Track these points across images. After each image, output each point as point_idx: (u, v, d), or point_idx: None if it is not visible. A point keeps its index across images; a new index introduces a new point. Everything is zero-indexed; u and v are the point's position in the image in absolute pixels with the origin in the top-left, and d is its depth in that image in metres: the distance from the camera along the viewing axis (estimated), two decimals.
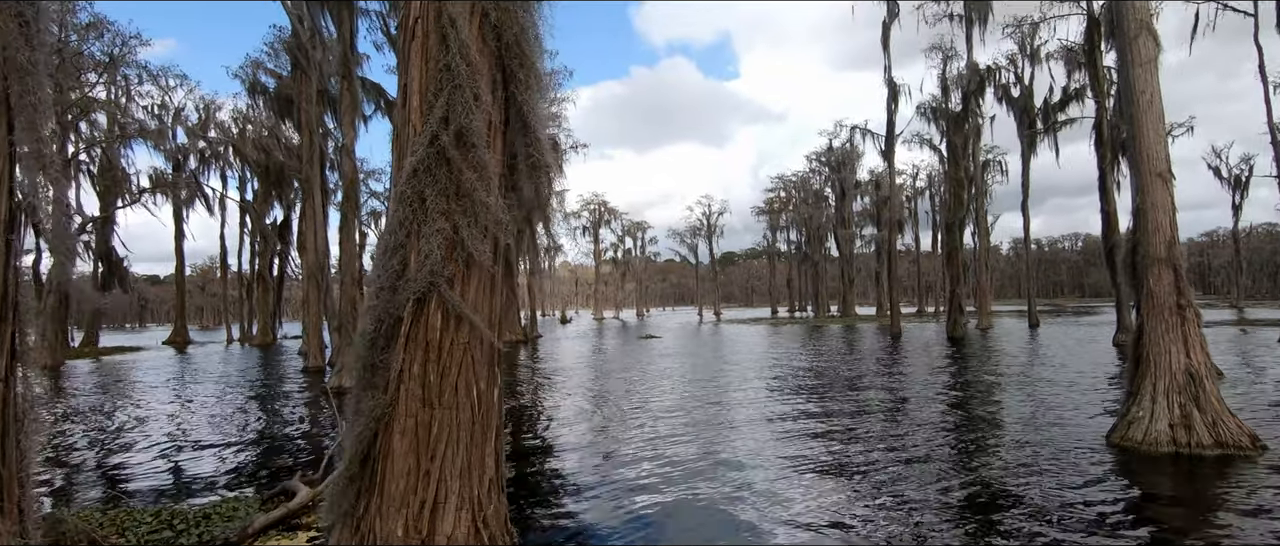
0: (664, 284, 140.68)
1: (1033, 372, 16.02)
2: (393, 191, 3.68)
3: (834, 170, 58.17)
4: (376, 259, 3.73)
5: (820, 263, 66.57)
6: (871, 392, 13.38)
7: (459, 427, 3.49)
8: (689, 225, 76.01)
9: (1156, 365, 8.66)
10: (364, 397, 3.58)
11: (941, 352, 22.36)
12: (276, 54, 28.28)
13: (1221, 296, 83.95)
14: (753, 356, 22.88)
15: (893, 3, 33.19)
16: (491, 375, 3.69)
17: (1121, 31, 9.79)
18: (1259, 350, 20.31)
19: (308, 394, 15.66)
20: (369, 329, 3.60)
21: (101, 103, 29.58)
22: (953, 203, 34.86)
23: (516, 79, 3.66)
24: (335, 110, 23.98)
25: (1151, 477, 7.08)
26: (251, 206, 39.12)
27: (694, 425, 10.33)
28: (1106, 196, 24.63)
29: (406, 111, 3.63)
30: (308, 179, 23.26)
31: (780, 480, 7.14)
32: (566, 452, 8.74)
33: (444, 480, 3.42)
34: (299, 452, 9.28)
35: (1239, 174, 49.49)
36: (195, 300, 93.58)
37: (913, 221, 62.33)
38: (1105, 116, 24.64)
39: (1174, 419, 8.31)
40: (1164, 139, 9.50)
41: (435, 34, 3.53)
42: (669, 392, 14.12)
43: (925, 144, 40.76)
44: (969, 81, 33.10)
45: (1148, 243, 9.08)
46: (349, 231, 18.71)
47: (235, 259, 44.29)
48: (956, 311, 31.65)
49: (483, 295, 3.61)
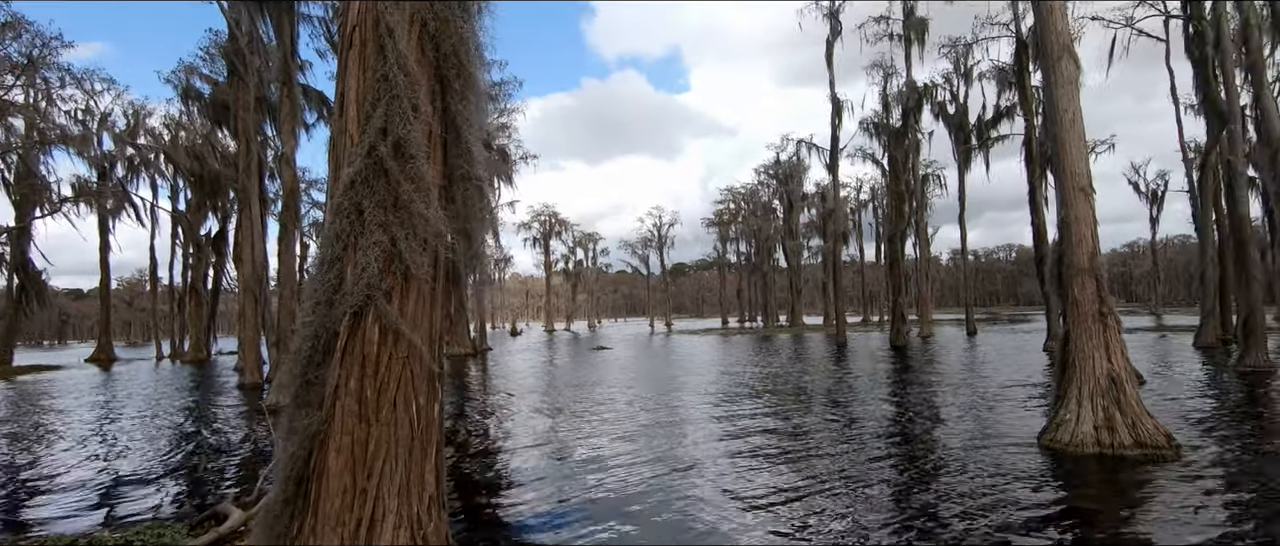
0: (615, 295, 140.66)
1: (970, 378, 16.62)
2: (329, 203, 3.59)
3: (781, 183, 59.40)
4: (312, 272, 3.62)
5: (769, 273, 67.70)
6: (818, 398, 13.64)
7: (397, 444, 3.41)
8: (640, 236, 76.42)
9: (1082, 370, 9.10)
10: (298, 415, 3.46)
11: (885, 360, 22.99)
12: (212, 59, 27.27)
13: (1142, 304, 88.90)
14: (704, 366, 23.06)
15: (835, 21, 34.25)
16: (432, 390, 3.62)
17: (1046, 53, 10.33)
18: (1175, 354, 21.56)
19: (243, 412, 15.03)
20: (304, 344, 3.49)
21: (19, 106, 27.94)
22: (894, 215, 36.00)
23: (452, 89, 3.62)
24: (275, 118, 23.24)
25: (1077, 477, 7.42)
26: (184, 216, 37.46)
27: (648, 440, 10.33)
28: (1036, 210, 25.87)
29: (343, 121, 3.55)
30: (245, 188, 22.44)
31: (735, 483, 7.20)
32: (515, 470, 8.62)
33: (382, 498, 3.33)
34: (233, 473, 8.89)
35: (1156, 189, 52.67)
36: (122, 315, 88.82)
37: (857, 233, 64.13)
38: (1034, 134, 25.92)
39: (1098, 421, 8.74)
40: (1086, 156, 10.04)
41: (373, 43, 3.47)
42: (621, 405, 14.09)
43: (868, 158, 42.00)
44: (908, 98, 34.33)
45: (1072, 253, 9.57)
46: (289, 243, 18.11)
47: (166, 271, 42.35)
48: (899, 320, 32.61)
49: (422, 308, 3.55)
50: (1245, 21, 16.37)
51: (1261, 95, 15.94)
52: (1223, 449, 8.43)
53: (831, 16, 34.21)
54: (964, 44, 32.73)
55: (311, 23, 23.70)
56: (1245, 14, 16.29)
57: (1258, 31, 16.54)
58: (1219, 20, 18.23)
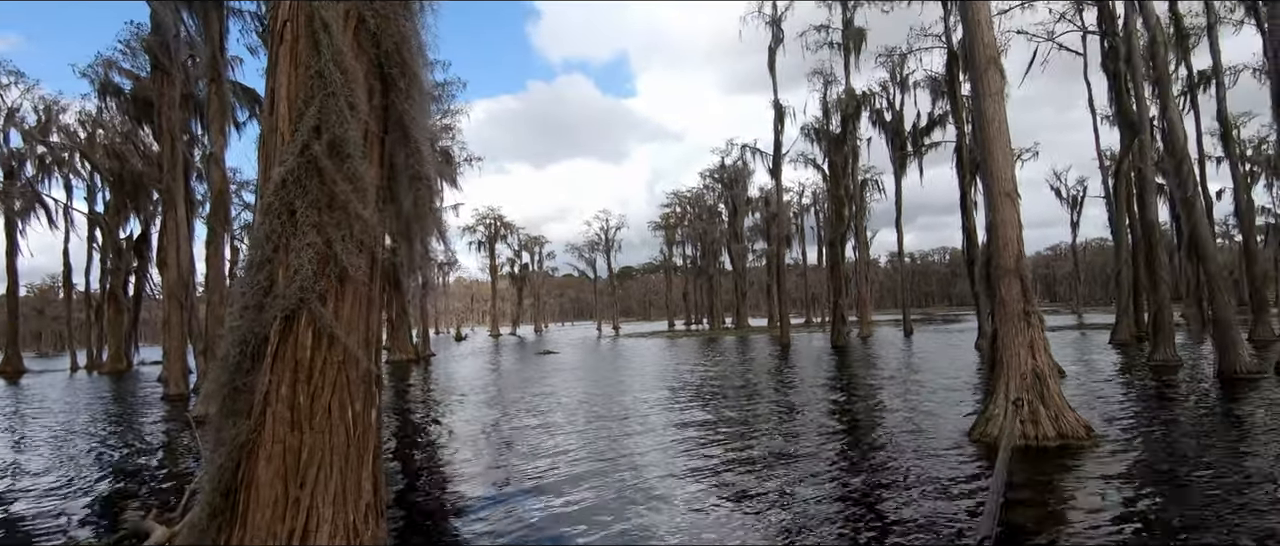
0: (562, 299, 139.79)
1: (907, 376, 17.21)
2: (259, 203, 3.46)
3: (726, 187, 60.24)
4: (241, 275, 3.48)
5: (715, 276, 68.53)
6: (762, 397, 13.87)
7: (332, 451, 3.30)
8: (587, 240, 76.17)
9: (1009, 366, 9.54)
10: (226, 424, 3.31)
11: (827, 360, 23.57)
12: (134, 53, 25.83)
13: (1064, 303, 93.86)
14: (651, 369, 23.14)
15: (777, 29, 34.98)
16: (369, 395, 3.52)
17: (974, 64, 10.81)
18: (1093, 350, 22.84)
19: (168, 424, 14.28)
20: (232, 350, 3.34)
21: None
22: (835, 219, 36.99)
23: (397, 88, 3.55)
24: (203, 116, 22.20)
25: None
26: (103, 219, 35.35)
27: (593, 441, 10.30)
28: (967, 214, 27.01)
29: (274, 119, 3.43)
30: (170, 189, 21.35)
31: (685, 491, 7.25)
32: (458, 477, 8.46)
33: (315, 507, 3.22)
34: (157, 489, 8.43)
35: (1076, 195, 55.69)
36: (31, 324, 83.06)
37: (800, 236, 65.54)
38: (965, 141, 27.07)
39: (1024, 414, 9.17)
40: (1011, 162, 10.55)
41: (306, 38, 3.36)
42: (568, 409, 14.01)
43: (810, 163, 43.04)
44: (847, 106, 35.36)
45: (999, 256, 10.03)
46: (217, 246, 17.32)
47: (82, 277, 39.78)
48: (840, 321, 33.49)
49: (357, 312, 3.45)
50: (1153, 39, 17.53)
51: (1168, 108, 17.08)
52: (1135, 438, 8.98)
53: (774, 24, 34.93)
54: (900, 54, 33.91)
55: (242, 18, 22.73)
56: (1153, 32, 17.44)
57: (1164, 49, 17.74)
58: (1130, 37, 19.46)
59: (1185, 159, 17.10)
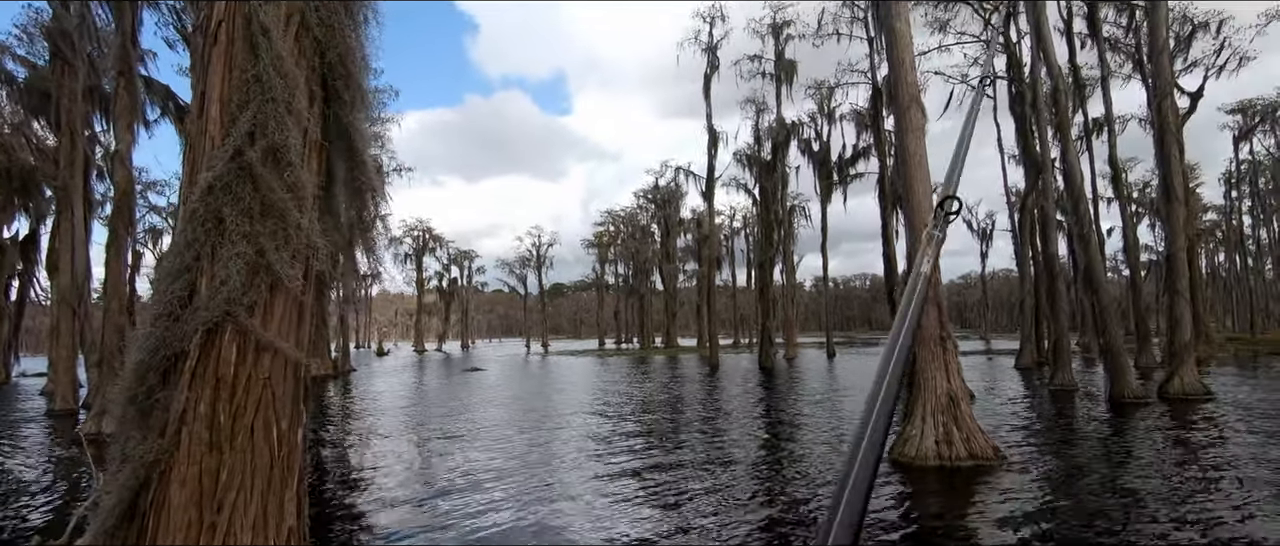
0: (491, 315, 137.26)
1: (829, 396, 17.77)
2: (182, 209, 3.27)
3: (659, 207, 60.92)
4: (156, 282, 3.27)
5: (646, 295, 68.94)
6: (690, 418, 14.00)
7: (254, 473, 3.13)
8: (519, 256, 75.22)
9: (925, 389, 10.01)
10: (131, 441, 3.08)
11: (754, 381, 24.04)
12: (31, 39, 24.00)
13: (973, 329, 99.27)
14: (581, 389, 22.98)
15: (713, 56, 35.92)
16: (295, 413, 3.36)
17: (897, 101, 11.42)
18: (1000, 374, 24.25)
19: (54, 441, 13.13)
20: (141, 359, 3.13)
21: None
22: (764, 243, 37.96)
23: (341, 100, 3.45)
24: (108, 111, 20.77)
25: (921, 487, 8.12)
26: None
27: (519, 467, 10.12)
28: (887, 242, 28.25)
29: (203, 121, 3.26)
30: (66, 187, 19.81)
31: (604, 508, 7.21)
32: (378, 498, 8.14)
33: (233, 532, 3.03)
34: (40, 514, 7.72)
35: (985, 228, 59.25)
36: None
37: (731, 259, 66.88)
38: (887, 173, 28.40)
39: (939, 436, 9.63)
40: (931, 195, 11.16)
41: (243, 41, 3.23)
42: (493, 433, 13.73)
43: (741, 188, 44.11)
44: (778, 134, 36.53)
45: None
46: (119, 250, 16.13)
47: None
48: (768, 343, 34.26)
49: (289, 325, 3.30)
50: (1055, 88, 18.99)
51: (1067, 150, 18.50)
52: (1039, 458, 9.57)
53: (710, 51, 35.85)
54: (828, 87, 35.41)
55: (159, 10, 21.56)
56: (1056, 81, 18.89)
57: (1064, 96, 19.23)
58: (1035, 84, 21.00)
59: (1082, 198, 18.51)
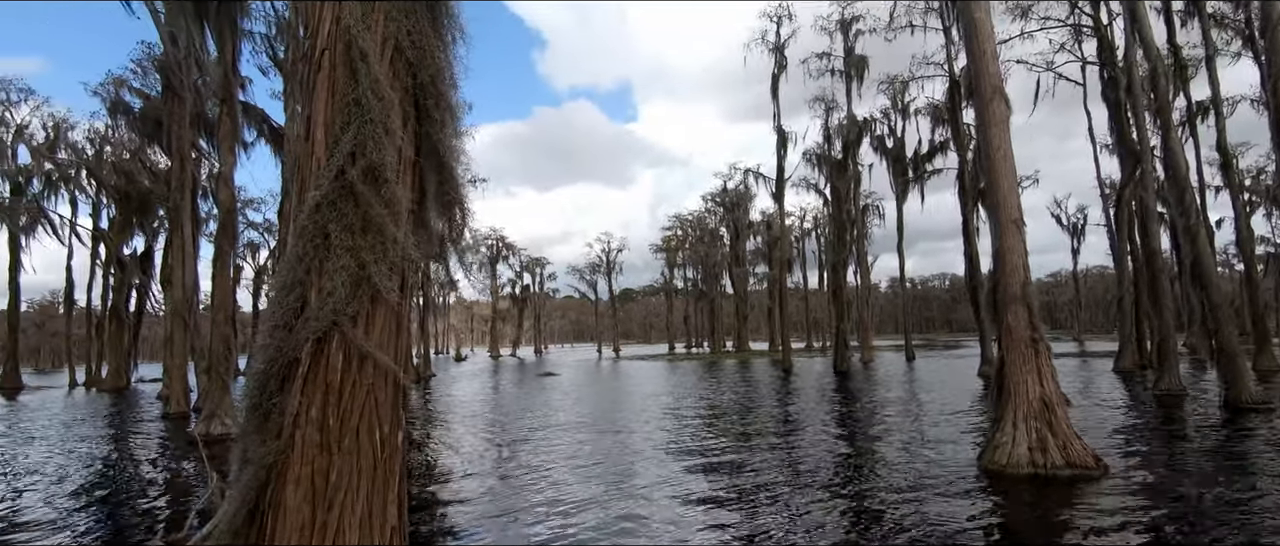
0: (563, 320, 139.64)
1: (911, 401, 17.17)
2: (293, 226, 3.51)
3: (728, 210, 60.49)
4: (272, 296, 3.53)
5: (716, 299, 68.52)
6: (766, 423, 13.82)
7: (360, 474, 3.32)
8: (589, 262, 76.24)
9: (1016, 394, 9.54)
10: (253, 444, 3.33)
11: (830, 385, 23.51)
12: (145, 72, 26.14)
13: (1065, 330, 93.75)
14: (653, 392, 23.07)
15: (780, 56, 35.45)
16: (396, 418, 3.55)
17: (979, 94, 10.96)
18: (1097, 379, 22.80)
19: (169, 443, 14.22)
20: (261, 368, 3.38)
21: None
22: (837, 243, 37.13)
23: (432, 118, 3.63)
24: (212, 135, 22.40)
25: (1013, 496, 7.75)
26: (107, 235, 35.44)
27: (598, 466, 10.26)
28: (969, 240, 27.12)
29: (310, 143, 3.50)
30: (176, 207, 21.46)
31: (681, 511, 7.22)
32: (462, 502, 8.42)
33: (342, 531, 3.23)
34: (161, 510, 8.38)
35: (1076, 222, 56.02)
36: (30, 340, 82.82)
37: (801, 261, 65.68)
38: (966, 168, 27.27)
39: (1032, 443, 9.15)
40: (1016, 190, 10.65)
41: (344, 67, 3.45)
42: (571, 433, 13.96)
43: (812, 188, 43.35)
44: (849, 132, 35.68)
45: (1005, 283, 10.08)
46: (223, 264, 17.37)
47: (83, 293, 39.79)
48: (842, 346, 33.43)
49: (388, 334, 3.49)
50: (1153, 70, 17.75)
51: (1168, 137, 17.25)
52: (1144, 468, 8.95)
53: (777, 51, 35.41)
54: (901, 82, 34.32)
55: (253, 39, 23.10)
56: (1153, 63, 17.67)
57: (1163, 79, 17.96)
58: (1130, 68, 19.70)
59: (1187, 188, 17.23)
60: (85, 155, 34.33)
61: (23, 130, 33.18)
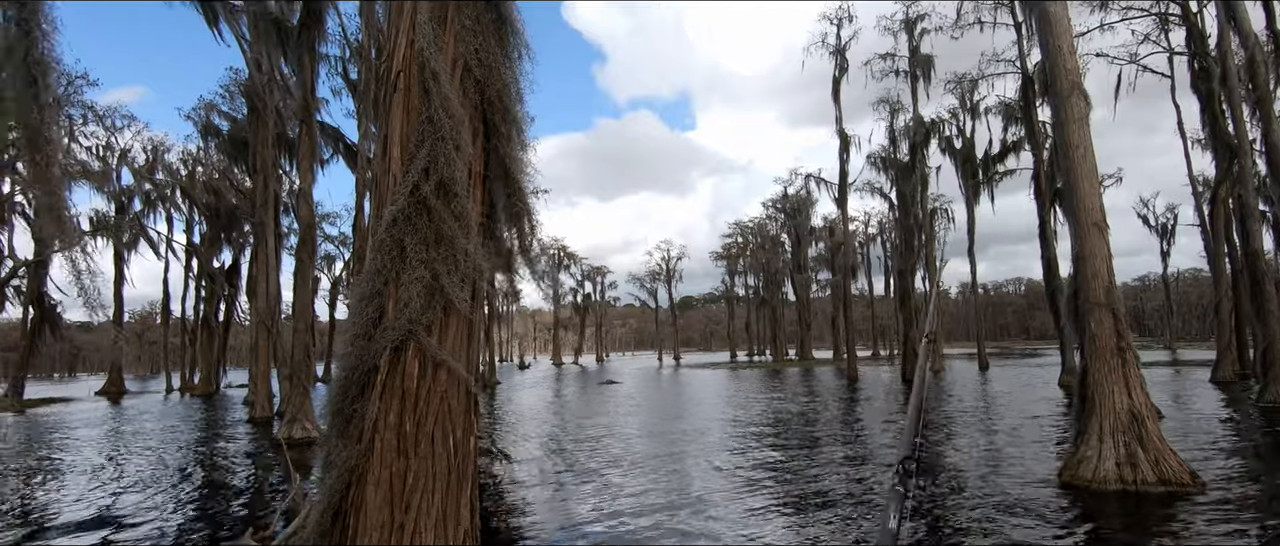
0: (623, 329, 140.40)
1: (986, 413, 16.47)
2: (371, 240, 3.70)
3: (789, 217, 59.63)
4: (352, 306, 3.71)
5: (778, 307, 67.57)
6: (834, 434, 13.53)
7: (435, 477, 3.45)
8: (649, 270, 76.50)
9: (1101, 405, 9.04)
10: (337, 448, 3.51)
11: (898, 394, 22.80)
12: (232, 97, 27.91)
13: (1156, 338, 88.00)
14: (715, 400, 22.92)
15: (842, 58, 34.79)
16: (468, 423, 3.67)
17: (1056, 90, 10.48)
18: (1193, 389, 21.31)
19: (255, 445, 15.03)
20: (343, 375, 3.56)
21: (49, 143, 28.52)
22: (903, 249, 36.03)
23: (499, 133, 3.76)
24: (292, 154, 23.68)
25: (1101, 514, 7.33)
26: (199, 250, 37.86)
27: (660, 471, 10.27)
28: (1046, 243, 25.86)
29: (386, 161, 3.68)
30: (261, 222, 22.73)
31: (748, 526, 7.14)
32: (528, 506, 8.57)
33: (419, 532, 3.36)
34: (247, 507, 8.87)
35: (1165, 223, 52.57)
36: (132, 348, 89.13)
37: (866, 267, 64.05)
38: (1042, 168, 26.06)
39: (1120, 457, 8.65)
40: (1098, 190, 10.12)
41: (417, 87, 3.61)
42: (634, 439, 14.02)
43: (876, 192, 42.24)
44: (915, 133, 34.63)
45: (1088, 288, 9.58)
46: (304, 276, 18.29)
47: (178, 304, 42.58)
48: (911, 354, 32.37)
49: (460, 342, 3.63)
50: (1251, 58, 16.57)
51: (1270, 129, 16.03)
52: (1247, 485, 8.32)
53: (838, 53, 34.78)
54: (970, 80, 33.11)
55: (329, 62, 24.34)
56: (1251, 51, 16.49)
57: (1263, 67, 16.72)
58: (1225, 57, 18.45)
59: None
60: (179, 175, 36.82)
61: (125, 154, 35.86)
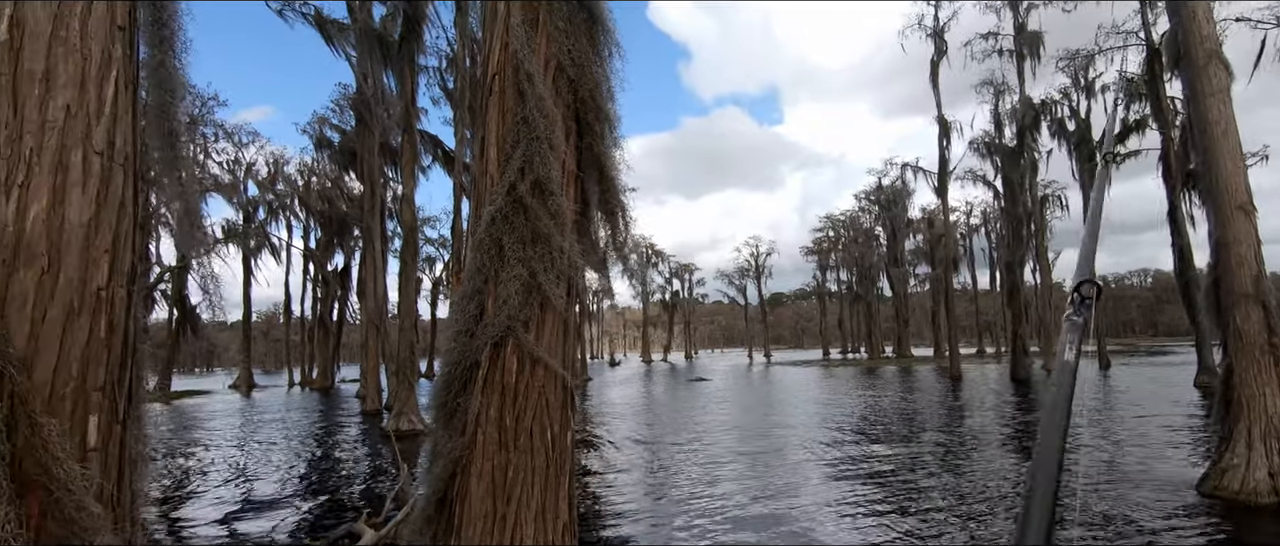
0: (712, 326, 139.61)
1: (1111, 416, 15.19)
2: (470, 239, 3.82)
3: (884, 208, 57.32)
4: (454, 304, 3.85)
5: (873, 302, 65.17)
6: (942, 437, 12.88)
7: (534, 472, 3.53)
8: (737, 266, 75.68)
9: (1250, 409, 8.13)
10: (442, 439, 3.65)
11: (1008, 395, 21.46)
12: (341, 110, 29.84)
13: None
14: (809, 399, 22.37)
15: (940, 40, 33.08)
16: (565, 418, 3.73)
17: (1190, 61, 9.52)
18: None
19: (366, 436, 15.98)
20: (447, 371, 3.70)
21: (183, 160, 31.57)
22: (1012, 240, 33.88)
23: (593, 131, 3.80)
24: (396, 162, 25.01)
25: (1254, 531, 6.58)
26: (314, 254, 40.77)
27: (753, 472, 10.11)
28: (1178, 230, 23.59)
29: (484, 162, 3.79)
30: (369, 227, 24.17)
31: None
32: (624, 505, 8.64)
33: (520, 524, 3.45)
34: (361, 493, 9.44)
35: None
36: (259, 345, 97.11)
37: (969, 260, 60.67)
38: (1172, 147, 23.78)
39: (1274, 467, 7.75)
40: (1243, 170, 9.10)
41: (512, 89, 3.70)
42: (726, 439, 13.89)
43: (979, 180, 39.89)
44: (1023, 116, 32.45)
45: (1232, 278, 8.64)
46: (408, 277, 19.29)
47: (298, 305, 45.98)
48: (1021, 352, 30.40)
49: (556, 339, 3.69)
50: None
51: None
52: None
53: (936, 36, 33.11)
54: (1084, 55, 30.68)
55: (427, 72, 25.53)
56: None
57: None
58: None
59: None
60: (297, 185, 39.76)
61: (250, 167, 39.09)
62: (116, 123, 3.01)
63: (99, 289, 2.81)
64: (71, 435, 2.56)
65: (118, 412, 2.84)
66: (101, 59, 3.00)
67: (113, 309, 2.84)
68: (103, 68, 2.97)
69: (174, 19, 3.44)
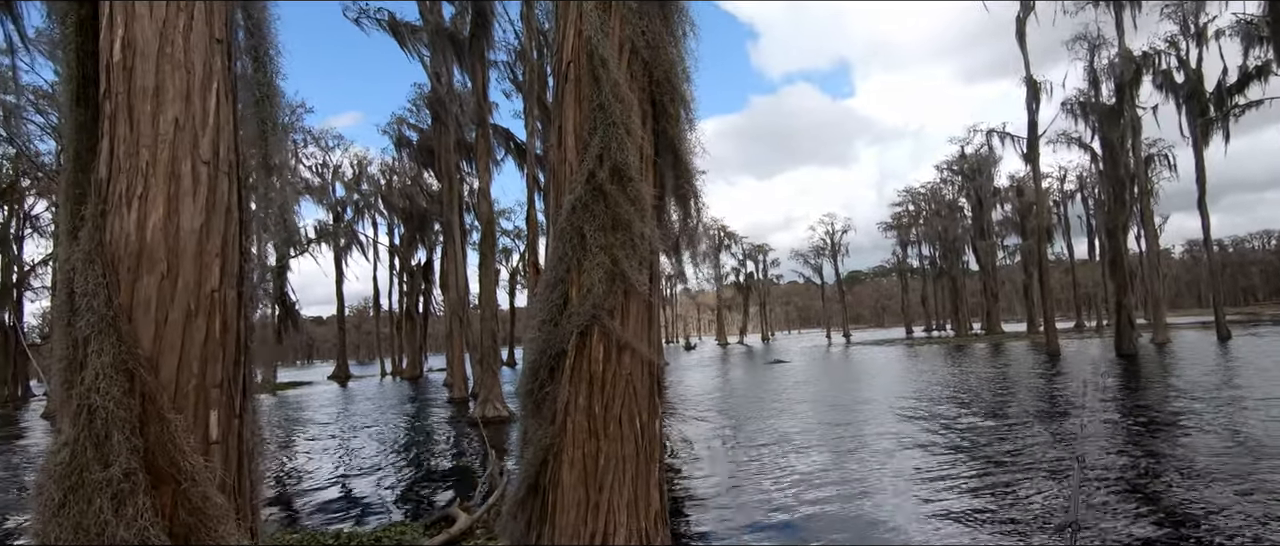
0: (788, 307, 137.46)
1: (1236, 396, 13.92)
2: (551, 228, 3.84)
3: (968, 178, 54.60)
4: (538, 294, 3.88)
5: (958, 277, 62.35)
6: (1038, 420, 12.18)
7: (624, 460, 3.52)
8: (812, 245, 74.01)
9: None
10: (532, 426, 3.70)
11: (1113, 372, 20.08)
12: (418, 110, 30.89)
13: None
14: (893, 379, 21.66)
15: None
16: (653, 406, 3.71)
17: None
18: None
19: (454, 423, 16.59)
20: (533, 360, 3.73)
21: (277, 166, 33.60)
22: (1113, 205, 31.56)
23: (667, 114, 3.73)
24: (471, 156, 25.68)
25: None
26: (398, 250, 42.60)
27: (841, 465, 9.86)
28: None
29: (562, 151, 3.79)
30: (448, 222, 24.98)
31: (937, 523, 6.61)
32: (709, 494, 8.60)
33: (613, 512, 3.45)
34: (452, 478, 9.80)
35: None
36: (352, 338, 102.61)
37: (1063, 228, 57.08)
38: None
39: None
40: None
41: (588, 75, 3.67)
42: (812, 424, 13.63)
43: (1074, 143, 37.31)
44: (1123, 71, 30.06)
45: None
46: (487, 268, 19.81)
47: (386, 299, 48.22)
48: (1127, 325, 28.36)
49: (641, 325, 3.66)
50: None
51: None
52: None
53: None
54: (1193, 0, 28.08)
55: (497, 67, 26.03)
56: None
57: None
58: None
59: None
60: (380, 184, 41.56)
61: (337, 170, 41.14)
62: (219, 132, 3.18)
63: (212, 291, 2.98)
64: (195, 430, 2.75)
65: (235, 407, 3.03)
66: (204, 72, 3.16)
67: (225, 309, 3.01)
68: (205, 80, 3.14)
69: (266, 29, 3.60)
